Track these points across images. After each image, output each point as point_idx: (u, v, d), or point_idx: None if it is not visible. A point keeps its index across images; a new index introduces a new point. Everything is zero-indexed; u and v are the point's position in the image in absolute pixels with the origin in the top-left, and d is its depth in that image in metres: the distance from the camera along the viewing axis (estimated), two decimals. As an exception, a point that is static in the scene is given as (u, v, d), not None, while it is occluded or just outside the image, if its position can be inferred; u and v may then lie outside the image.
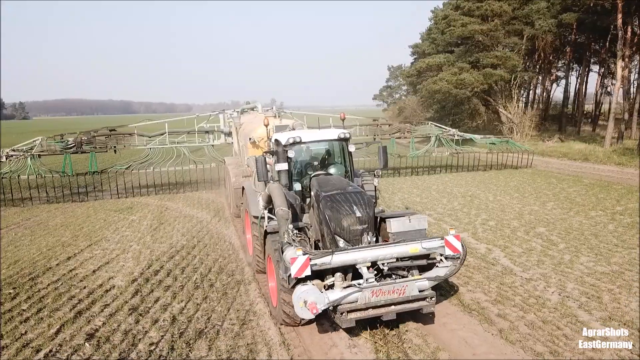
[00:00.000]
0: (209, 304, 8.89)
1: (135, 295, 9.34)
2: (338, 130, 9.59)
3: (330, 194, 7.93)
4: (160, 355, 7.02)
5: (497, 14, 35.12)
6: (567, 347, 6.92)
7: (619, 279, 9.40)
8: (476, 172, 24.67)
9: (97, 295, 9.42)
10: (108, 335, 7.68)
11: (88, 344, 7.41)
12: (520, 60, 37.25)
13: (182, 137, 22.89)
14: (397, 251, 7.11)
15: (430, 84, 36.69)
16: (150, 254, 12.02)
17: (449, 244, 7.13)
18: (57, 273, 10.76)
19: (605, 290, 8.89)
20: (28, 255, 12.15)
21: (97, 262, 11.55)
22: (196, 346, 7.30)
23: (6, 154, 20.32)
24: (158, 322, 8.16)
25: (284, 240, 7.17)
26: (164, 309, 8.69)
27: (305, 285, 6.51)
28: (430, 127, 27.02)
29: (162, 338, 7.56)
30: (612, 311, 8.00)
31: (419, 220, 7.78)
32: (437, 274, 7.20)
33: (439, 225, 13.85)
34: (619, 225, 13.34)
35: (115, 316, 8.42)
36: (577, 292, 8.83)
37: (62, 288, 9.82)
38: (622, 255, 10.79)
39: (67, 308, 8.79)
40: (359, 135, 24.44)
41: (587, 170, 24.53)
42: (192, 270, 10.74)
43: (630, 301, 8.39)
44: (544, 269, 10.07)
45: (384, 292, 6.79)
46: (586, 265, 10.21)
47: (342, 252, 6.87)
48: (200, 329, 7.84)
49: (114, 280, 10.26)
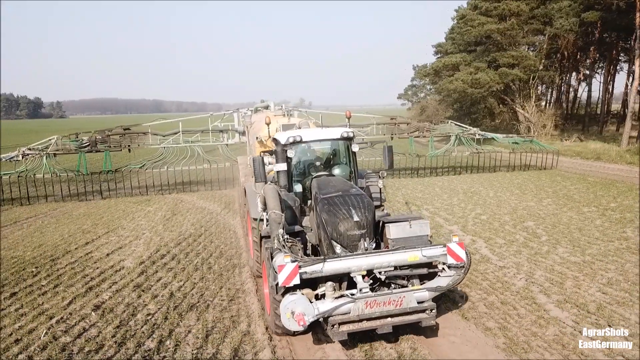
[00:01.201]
0: (204, 283, 9.87)
1: (141, 275, 10.39)
2: (341, 129, 9.19)
3: (329, 196, 7.56)
4: (155, 324, 8.00)
5: (514, 13, 35.23)
6: (516, 324, 7.61)
7: (588, 268, 9.98)
8: (497, 174, 23.82)
9: (108, 274, 10.52)
10: (112, 307, 8.73)
11: (94, 313, 8.46)
12: (537, 60, 37.22)
13: (195, 136, 22.80)
14: (394, 259, 6.67)
15: (446, 83, 37.10)
16: (160, 241, 13.11)
17: (451, 252, 6.69)
18: (75, 255, 11.93)
19: (570, 277, 9.49)
20: (51, 240, 13.40)
21: (111, 247, 12.69)
22: (187, 317, 8.26)
23: (22, 153, 20.54)
24: (157, 297, 9.17)
25: (274, 245, 6.79)
26: (164, 286, 9.71)
27: (294, 295, 6.14)
28: (450, 126, 26.21)
29: (159, 310, 8.56)
30: (569, 295, 8.63)
31: (421, 226, 7.36)
32: (438, 284, 6.75)
33: (432, 219, 14.54)
34: (606, 220, 13.77)
35: (121, 292, 9.48)
36: (542, 279, 9.47)
37: (78, 268, 10.96)
38: (599, 247, 11.31)
39: (80, 284, 9.89)
40: (375, 135, 23.77)
41: (596, 169, 24.69)
42: (195, 255, 11.77)
43: (591, 287, 8.98)
44: (519, 259, 10.71)
45: (378, 304, 6.32)
46: (561, 256, 10.79)
47: (334, 260, 6.49)
48: (193, 303, 8.81)
49: (124, 262, 11.36)
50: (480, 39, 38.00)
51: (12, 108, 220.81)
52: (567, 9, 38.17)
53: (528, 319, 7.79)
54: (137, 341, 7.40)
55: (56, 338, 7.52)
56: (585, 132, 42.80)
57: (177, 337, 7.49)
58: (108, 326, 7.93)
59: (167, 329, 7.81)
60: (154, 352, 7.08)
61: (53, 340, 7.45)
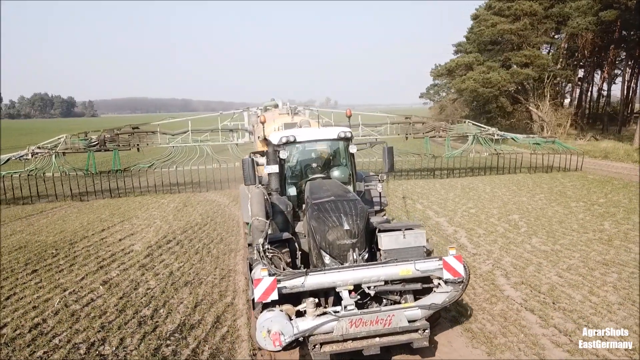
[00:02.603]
0: (201, 264, 10.98)
1: (147, 257, 11.57)
2: (338, 129, 8.69)
3: (319, 201, 7.04)
4: (152, 296, 9.13)
5: (527, 13, 35.49)
6: (469, 300, 8.47)
7: (554, 255, 10.72)
8: (517, 175, 22.92)
9: (118, 256, 11.74)
10: (118, 282, 9.90)
11: (102, 287, 9.65)
12: (550, 59, 37.37)
13: (205, 135, 22.43)
14: (384, 273, 6.05)
15: (458, 82, 37.59)
16: (168, 228, 14.31)
17: (447, 266, 6.06)
18: (91, 240, 13.22)
19: (535, 263, 10.26)
20: (72, 227, 14.75)
21: (124, 233, 13.95)
22: (181, 291, 9.37)
23: (32, 152, 20.55)
24: (158, 275, 10.32)
25: (253, 256, 6.31)
26: (165, 266, 10.86)
27: (271, 312, 5.60)
28: (468, 125, 24.81)
29: (158, 285, 9.69)
30: (527, 278, 9.42)
31: (416, 236, 6.81)
32: (433, 301, 6.14)
33: (423, 212, 15.37)
34: (590, 214, 14.38)
35: (127, 270, 10.66)
36: (508, 264, 10.26)
37: (92, 250, 12.23)
38: (572, 238, 12.01)
39: (93, 264, 11.12)
40: (390, 135, 23.26)
41: (601, 167, 24.95)
42: (198, 241, 12.91)
43: (550, 272, 9.74)
44: (492, 247, 11.50)
45: (364, 322, 5.80)
46: (532, 245, 11.54)
47: (317, 273, 5.92)
48: (188, 280, 9.93)
49: (133, 246, 12.57)
50: (494, 38, 38.33)
51: (46, 107, 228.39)
52: (584, 8, 38.20)
53: (482, 296, 8.65)
54: (135, 309, 8.53)
55: (67, 306, 8.71)
56: (604, 131, 42.63)
57: (169, 307, 8.60)
58: (112, 297, 9.10)
59: (163, 300, 8.93)
60: (148, 318, 8.20)
61: (64, 307, 8.64)
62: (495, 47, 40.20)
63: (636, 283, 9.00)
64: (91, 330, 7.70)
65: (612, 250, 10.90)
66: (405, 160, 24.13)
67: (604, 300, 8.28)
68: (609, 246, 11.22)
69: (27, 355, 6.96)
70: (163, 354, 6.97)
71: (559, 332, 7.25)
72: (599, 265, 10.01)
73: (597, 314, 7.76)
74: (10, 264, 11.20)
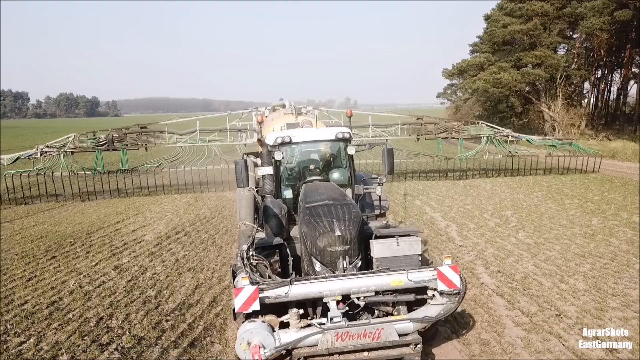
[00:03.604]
0: (205, 253, 11.86)
1: (156, 246, 12.50)
2: (335, 130, 8.40)
3: (312, 205, 6.79)
4: (158, 280, 10.03)
5: (537, 13, 35.72)
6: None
7: (535, 248, 11.32)
8: (533, 177, 22.31)
9: (130, 245, 12.70)
10: (128, 268, 10.84)
11: (113, 271, 10.59)
12: (561, 59, 37.52)
13: (213, 135, 22.34)
14: (374, 283, 5.80)
15: (469, 82, 37.97)
16: (179, 221, 15.26)
17: (442, 277, 5.78)
18: (106, 231, 14.23)
19: (515, 255, 10.89)
20: (89, 219, 15.81)
21: (137, 225, 14.94)
22: (184, 275, 10.25)
23: (41, 150, 20.60)
24: (165, 261, 11.22)
25: (237, 263, 5.98)
26: (172, 254, 11.77)
27: (252, 323, 5.42)
28: (481, 127, 24.19)
29: (163, 270, 10.59)
30: (504, 268, 10.06)
31: (411, 244, 6.47)
32: (426, 313, 5.86)
33: (421, 207, 16.03)
34: (581, 211, 14.88)
35: (137, 258, 11.59)
36: (490, 255, 10.91)
37: (107, 240, 13.22)
38: (557, 232, 12.57)
39: (106, 252, 12.09)
40: (401, 135, 23.41)
41: (605, 167, 24.84)
42: (204, 232, 13.81)
43: (529, 262, 10.36)
44: (479, 240, 12.15)
45: (352, 336, 5.57)
46: (518, 238, 12.15)
47: (303, 283, 5.71)
48: (191, 267, 10.81)
49: (145, 236, 13.53)
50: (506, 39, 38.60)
51: (71, 107, 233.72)
52: (600, 7, 38.18)
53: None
54: (142, 290, 9.43)
55: (81, 287, 9.66)
56: (620, 131, 42.47)
57: (172, 289, 9.49)
58: (122, 280, 10.03)
59: (167, 283, 9.83)
60: (152, 297, 9.09)
61: (79, 288, 9.59)
62: (508, 48, 40.45)
63: (607, 272, 9.57)
64: (101, 307, 8.62)
65: (592, 244, 11.45)
66: (417, 161, 24.04)
67: (571, 288, 8.89)
68: (591, 240, 11.76)
69: (44, 327, 7.90)
70: (162, 327, 7.83)
71: (521, 314, 7.92)
72: (576, 257, 10.59)
73: (561, 299, 8.39)
74: (32, 250, 12.24)
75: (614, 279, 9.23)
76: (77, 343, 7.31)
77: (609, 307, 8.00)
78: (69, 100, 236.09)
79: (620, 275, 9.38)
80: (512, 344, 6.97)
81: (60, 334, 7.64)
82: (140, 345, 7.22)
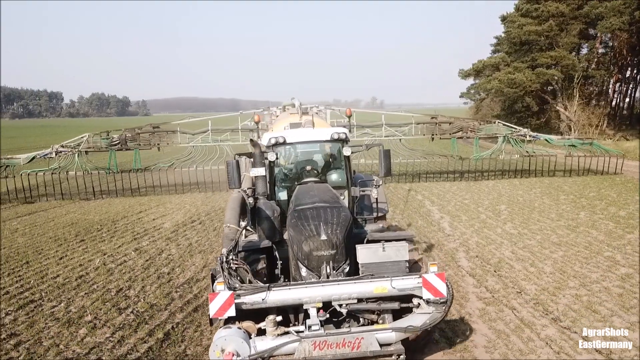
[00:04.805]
0: (216, 238, 13.13)
1: (173, 232, 13.85)
2: (331, 130, 8.25)
3: (300, 208, 6.64)
4: (172, 260, 11.34)
5: (553, 14, 36.04)
6: (425, 268, 10.16)
7: (517, 237, 12.22)
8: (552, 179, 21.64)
9: (149, 231, 14.09)
10: (147, 250, 12.19)
11: (133, 252, 11.95)
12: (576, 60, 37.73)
13: (225, 135, 22.53)
14: (356, 290, 5.61)
15: (484, 82, 38.50)
16: (195, 211, 16.62)
17: (428, 285, 5.52)
18: (130, 219, 15.69)
19: (497, 243, 11.82)
20: (115, 210, 17.33)
21: (158, 214, 16.37)
22: (195, 257, 11.53)
23: (56, 150, 21.02)
24: (179, 245, 12.54)
25: (217, 267, 5.76)
26: (186, 239, 13.09)
27: (227, 330, 5.30)
28: (498, 126, 23.63)
29: (177, 252, 11.91)
30: (483, 254, 11.03)
31: (397, 250, 6.15)
32: (410, 323, 5.63)
33: (421, 202, 17.02)
34: (572, 206, 15.64)
35: (156, 242, 12.94)
36: (473, 244, 11.88)
37: (129, 227, 14.65)
38: (543, 224, 13.42)
39: (129, 237, 13.50)
40: (415, 135, 23.35)
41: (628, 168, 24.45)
42: (218, 221, 15.11)
43: (507, 249, 11.29)
44: (467, 230, 13.11)
45: (330, 345, 5.40)
46: (504, 229, 13.06)
47: (281, 289, 5.56)
48: (202, 249, 12.09)
49: (164, 224, 14.92)
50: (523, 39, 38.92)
51: (102, 106, 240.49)
52: (620, 7, 38.18)
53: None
54: (157, 268, 10.75)
55: (105, 264, 11.04)
56: (639, 131, 42.34)
57: (183, 267, 10.78)
58: (140, 259, 11.38)
59: (179, 262, 11.12)
60: (165, 274, 10.38)
61: (103, 265, 10.97)
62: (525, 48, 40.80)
63: (576, 259, 10.44)
64: (121, 281, 9.95)
65: (572, 235, 12.29)
66: (431, 161, 24.22)
67: (538, 270, 9.82)
68: (572, 231, 12.60)
69: (73, 295, 9.25)
70: (172, 297, 9.10)
71: (486, 290, 8.92)
72: (553, 245, 11.48)
73: (526, 280, 9.35)
74: (64, 235, 13.74)
75: (580, 264, 10.11)
76: (99, 307, 8.61)
77: (567, 287, 8.92)
78: (101, 100, 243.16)
79: (588, 261, 10.24)
80: (470, 314, 7.99)
81: (85, 300, 8.97)
82: (152, 310, 8.49)
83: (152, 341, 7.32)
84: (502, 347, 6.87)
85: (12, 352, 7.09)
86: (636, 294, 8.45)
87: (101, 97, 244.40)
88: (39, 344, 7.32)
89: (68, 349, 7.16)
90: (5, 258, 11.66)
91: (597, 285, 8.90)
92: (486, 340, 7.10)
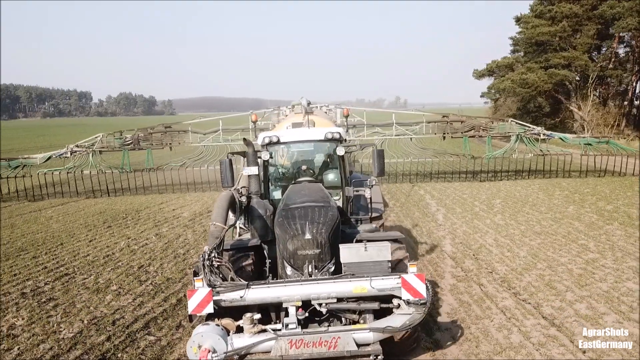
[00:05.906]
0: (228, 226, 14.47)
1: (190, 221, 15.28)
2: (325, 129, 8.33)
3: (288, 207, 6.76)
4: (187, 243, 12.72)
5: (566, 15, 36.49)
6: (413, 249, 11.29)
7: (503, 227, 13.24)
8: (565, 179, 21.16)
9: (169, 219, 15.55)
10: (166, 235, 13.63)
11: (154, 236, 13.39)
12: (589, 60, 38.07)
13: (236, 134, 22.61)
14: (336, 289, 5.64)
15: (497, 83, 39.12)
16: (212, 202, 18.00)
17: (407, 285, 5.50)
18: (152, 210, 17.20)
19: (482, 232, 12.87)
20: (139, 202, 18.92)
21: (177, 205, 17.86)
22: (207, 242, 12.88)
23: (71, 150, 21.68)
24: (195, 232, 13.94)
25: (199, 265, 5.77)
26: (202, 227, 14.47)
27: (204, 326, 5.39)
28: (511, 125, 23.17)
29: (193, 237, 13.30)
30: (467, 240, 12.11)
31: (379, 250, 6.13)
32: (389, 323, 5.63)
33: (422, 196, 18.10)
34: (564, 201, 16.48)
35: (174, 229, 14.37)
36: (461, 232, 12.95)
37: (152, 216, 16.16)
38: (531, 216, 14.37)
39: (150, 224, 14.98)
40: (425, 134, 23.40)
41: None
42: (231, 212, 16.46)
43: (490, 237, 12.33)
44: (458, 220, 14.16)
45: (307, 344, 5.46)
46: (493, 220, 14.07)
47: (260, 287, 5.61)
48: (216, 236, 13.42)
49: (182, 214, 16.37)
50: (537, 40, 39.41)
51: (130, 105, 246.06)
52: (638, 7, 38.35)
53: (422, 248, 11.45)
54: (174, 250, 12.15)
55: (129, 246, 12.49)
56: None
57: (197, 249, 12.13)
58: (160, 242, 12.82)
59: (194, 245, 12.51)
60: (181, 254, 11.76)
61: (127, 247, 12.43)
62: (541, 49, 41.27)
63: (552, 246, 11.42)
64: (142, 259, 11.36)
65: (555, 225, 13.25)
66: (442, 161, 24.37)
67: (514, 255, 10.85)
68: (555, 222, 13.55)
69: (100, 270, 10.69)
70: (185, 272, 10.45)
71: (461, 270, 10.02)
72: (534, 234, 12.47)
73: (500, 262, 10.40)
74: (93, 222, 15.32)
75: (553, 249, 11.11)
76: (123, 279, 10.02)
77: (535, 268, 9.95)
78: (128, 100, 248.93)
79: (561, 248, 11.22)
80: (443, 288, 9.12)
81: (111, 274, 10.39)
82: (167, 282, 9.85)
83: (167, 305, 8.67)
84: (462, 314, 7.99)
85: (52, 311, 8.52)
86: (595, 274, 9.44)
87: (128, 97, 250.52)
88: (73, 305, 8.75)
89: (97, 309, 8.55)
90: (43, 240, 13.26)
91: (562, 267, 9.91)
92: (450, 308, 8.24)
